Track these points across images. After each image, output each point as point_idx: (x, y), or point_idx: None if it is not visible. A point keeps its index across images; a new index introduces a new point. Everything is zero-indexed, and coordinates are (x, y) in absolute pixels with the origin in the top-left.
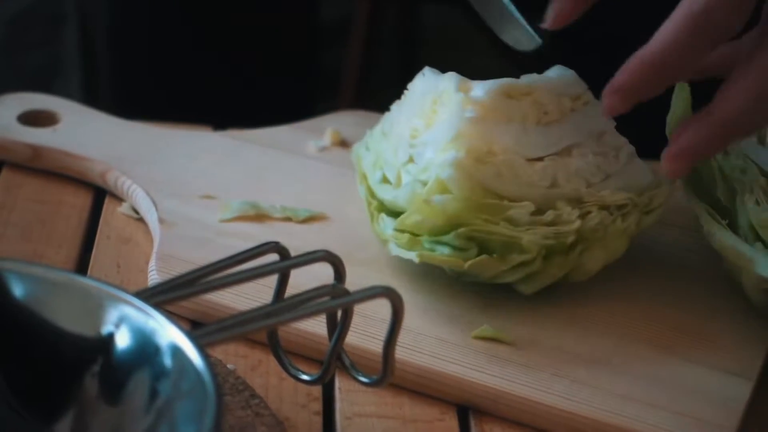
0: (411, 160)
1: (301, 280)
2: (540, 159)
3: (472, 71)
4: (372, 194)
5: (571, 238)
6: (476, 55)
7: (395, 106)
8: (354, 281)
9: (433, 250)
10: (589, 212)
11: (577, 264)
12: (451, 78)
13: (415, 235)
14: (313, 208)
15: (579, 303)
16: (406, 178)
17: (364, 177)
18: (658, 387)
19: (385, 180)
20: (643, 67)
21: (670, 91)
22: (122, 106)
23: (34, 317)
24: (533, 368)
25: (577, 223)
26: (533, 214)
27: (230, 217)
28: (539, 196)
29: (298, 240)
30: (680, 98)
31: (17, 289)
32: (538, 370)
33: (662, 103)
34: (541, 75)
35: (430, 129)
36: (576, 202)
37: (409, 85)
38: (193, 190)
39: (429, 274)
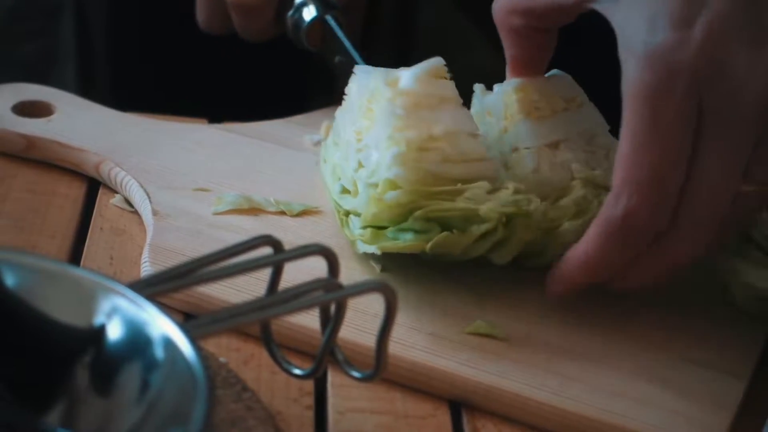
0: (360, 165)
1: (295, 275)
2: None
3: (468, 67)
4: (338, 205)
5: (533, 206)
6: (472, 51)
7: (339, 113)
8: (348, 276)
9: (396, 239)
10: (572, 188)
11: (552, 234)
12: (378, 73)
13: (379, 228)
14: (308, 203)
15: (572, 300)
16: (360, 186)
17: (328, 190)
18: (651, 385)
19: (344, 191)
20: (576, 271)
21: None
22: (119, 96)
23: (26, 307)
24: (526, 364)
25: (536, 202)
26: (490, 192)
27: (224, 210)
28: (495, 170)
29: (291, 234)
30: None
31: (9, 279)
32: (531, 366)
33: None
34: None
35: (369, 131)
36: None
37: (346, 89)
38: (187, 182)
39: (422, 269)
